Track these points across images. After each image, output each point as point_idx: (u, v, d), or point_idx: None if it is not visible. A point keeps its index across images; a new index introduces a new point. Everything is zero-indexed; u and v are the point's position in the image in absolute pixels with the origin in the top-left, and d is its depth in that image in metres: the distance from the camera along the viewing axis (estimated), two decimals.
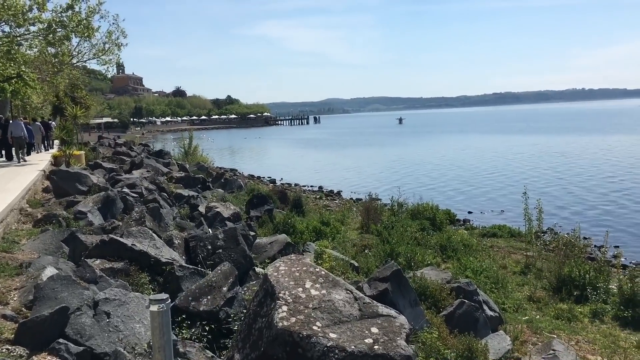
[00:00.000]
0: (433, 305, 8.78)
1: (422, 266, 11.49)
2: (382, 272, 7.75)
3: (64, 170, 14.43)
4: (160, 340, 3.55)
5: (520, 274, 12.91)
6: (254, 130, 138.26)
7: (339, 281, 5.70)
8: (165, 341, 3.55)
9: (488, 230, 17.71)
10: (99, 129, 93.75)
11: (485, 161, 43.03)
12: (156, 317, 3.54)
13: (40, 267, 6.86)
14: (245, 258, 8.81)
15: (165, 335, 3.56)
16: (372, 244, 14.19)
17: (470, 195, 27.09)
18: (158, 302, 3.52)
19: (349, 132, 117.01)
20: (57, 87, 37.82)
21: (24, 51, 23.20)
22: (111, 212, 11.57)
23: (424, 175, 35.84)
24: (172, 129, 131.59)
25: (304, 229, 14.59)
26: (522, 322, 9.53)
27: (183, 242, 8.96)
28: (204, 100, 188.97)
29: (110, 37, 36.92)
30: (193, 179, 18.77)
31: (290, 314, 5.15)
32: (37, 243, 8.67)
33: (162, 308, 3.53)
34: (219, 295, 6.35)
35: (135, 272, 7.01)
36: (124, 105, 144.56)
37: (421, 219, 16.91)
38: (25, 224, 10.69)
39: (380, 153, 56.38)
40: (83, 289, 5.92)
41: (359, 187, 30.39)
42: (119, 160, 24.66)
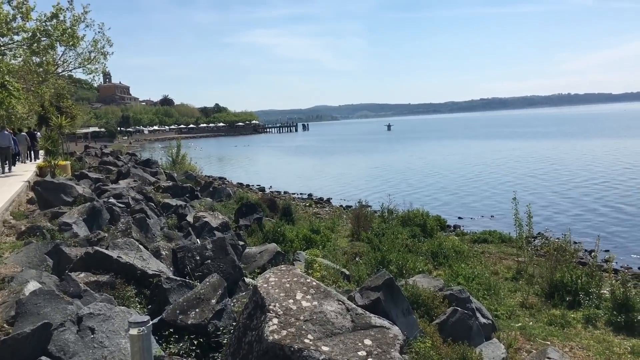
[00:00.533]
0: (426, 314, 8.66)
1: (413, 274, 11.38)
2: (373, 281, 7.61)
3: (48, 180, 14.17)
4: None
5: (512, 280, 12.84)
6: (243, 138, 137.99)
7: (331, 292, 5.56)
8: None
9: (479, 236, 17.66)
10: (86, 138, 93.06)
11: (473, 167, 43.14)
12: (136, 342, 3.33)
13: (23, 282, 6.66)
14: (235, 268, 8.64)
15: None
16: (363, 252, 14.07)
17: (460, 201, 27.09)
18: (138, 324, 3.31)
19: (337, 139, 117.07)
20: (42, 96, 37.44)
21: (8, 61, 22.88)
22: (97, 223, 11.35)
23: (413, 181, 35.83)
24: (160, 137, 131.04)
25: (294, 238, 14.44)
26: (515, 329, 9.45)
27: (171, 253, 8.78)
28: (191, 109, 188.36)
29: (95, 45, 36.67)
30: (181, 188, 18.56)
31: (281, 327, 5.00)
32: (20, 256, 8.45)
33: (143, 331, 3.33)
34: (208, 308, 6.18)
35: (121, 286, 6.83)
36: (111, 114, 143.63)
37: (412, 225, 16.82)
38: (9, 236, 10.45)
39: (369, 160, 56.35)
40: (67, 304, 5.74)
41: (348, 194, 30.29)
42: (106, 170, 24.37)
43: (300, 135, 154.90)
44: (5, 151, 23.22)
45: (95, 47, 36.82)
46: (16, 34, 21.39)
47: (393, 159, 55.69)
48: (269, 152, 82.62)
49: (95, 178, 18.57)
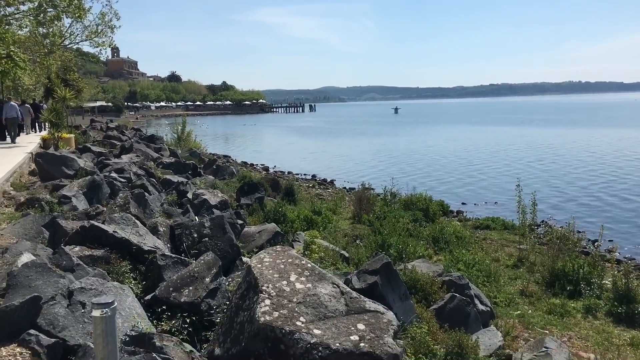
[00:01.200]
0: (423, 299, 8.58)
1: (413, 258, 11.29)
2: (371, 265, 7.53)
3: (50, 153, 14.11)
4: (104, 350, 3.18)
5: (513, 268, 12.74)
6: (249, 117, 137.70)
7: (325, 274, 5.48)
8: (109, 351, 3.18)
9: (481, 222, 17.53)
10: (93, 112, 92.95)
11: (479, 152, 42.87)
12: (99, 324, 3.17)
13: (16, 253, 6.60)
14: (232, 247, 8.57)
15: (109, 345, 3.19)
16: (364, 235, 13.98)
17: (465, 187, 26.91)
18: (102, 306, 3.19)
19: (344, 121, 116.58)
20: (49, 68, 37.31)
21: (14, 31, 22.71)
22: (97, 197, 11.29)
23: (418, 165, 35.64)
24: (167, 114, 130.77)
25: (295, 218, 14.35)
26: (514, 317, 9.38)
27: (168, 230, 8.71)
28: (199, 86, 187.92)
29: (103, 19, 36.46)
30: (183, 165, 18.47)
31: (273, 308, 4.92)
32: (17, 228, 8.39)
33: (106, 313, 3.18)
34: (202, 287, 6.11)
35: (116, 261, 6.76)
36: (119, 89, 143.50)
37: (414, 209, 16.70)
38: (8, 207, 10.40)
39: (375, 142, 56.08)
40: (59, 277, 5.67)
41: (352, 177, 30.16)
42: (110, 144, 24.29)
43: (306, 116, 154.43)
44: (12, 122, 23.63)
45: (103, 20, 36.61)
46: (22, 4, 21.21)
47: (399, 142, 55.40)
48: (274, 131, 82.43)
49: (98, 152, 18.50)
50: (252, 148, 52.85)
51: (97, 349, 3.20)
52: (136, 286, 6.61)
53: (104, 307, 3.17)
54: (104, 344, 3.17)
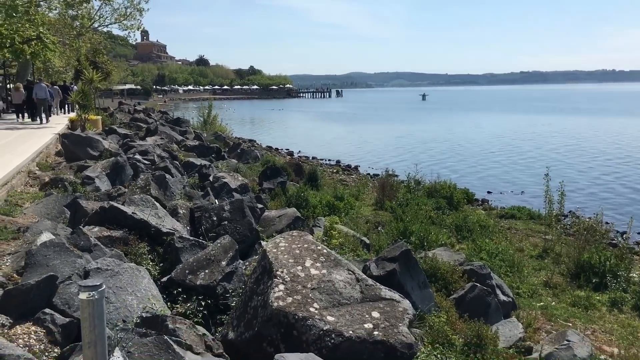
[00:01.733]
0: (444, 288, 8.47)
1: (435, 246, 11.15)
2: (390, 252, 7.42)
3: (75, 134, 14.26)
4: (91, 334, 3.10)
5: (537, 258, 12.51)
6: (276, 101, 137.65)
7: (341, 261, 5.39)
8: (97, 335, 3.10)
9: (507, 212, 17.25)
10: (122, 95, 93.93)
11: (507, 140, 42.21)
12: (86, 307, 3.06)
13: (37, 232, 6.66)
14: (252, 231, 8.54)
15: (97, 328, 3.11)
16: (386, 221, 13.87)
17: (490, 175, 26.53)
18: (89, 288, 3.10)
19: (370, 107, 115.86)
20: (78, 51, 37.73)
21: (44, 13, 22.94)
22: (120, 178, 11.38)
23: (444, 153, 35.23)
24: (194, 97, 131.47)
25: (317, 203, 14.28)
26: (536, 309, 9.21)
27: (188, 212, 8.71)
28: (226, 70, 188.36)
29: (132, 2, 36.71)
30: (207, 148, 18.51)
31: (287, 294, 4.87)
32: (39, 207, 8.49)
33: (93, 296, 3.08)
34: (217, 270, 6.09)
35: (134, 242, 6.78)
36: (147, 72, 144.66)
37: (437, 197, 16.49)
38: (33, 187, 10.54)
39: (401, 129, 55.60)
40: (76, 257, 5.69)
41: (377, 163, 29.94)
42: (136, 126, 24.50)
43: (333, 102, 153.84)
44: (42, 102, 24.01)
45: (132, 3, 36.85)
46: None
47: (425, 129, 54.84)
48: (300, 116, 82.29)
49: (123, 134, 18.65)
50: (278, 133, 52.84)
51: (84, 332, 3.12)
52: (154, 268, 6.62)
53: (92, 289, 3.07)
54: (90, 327, 3.09)
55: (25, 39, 24.06)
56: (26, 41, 24.21)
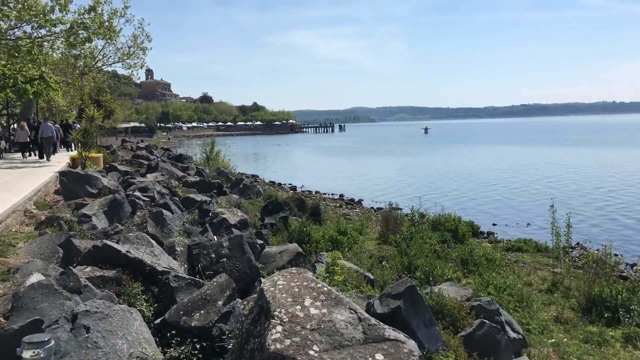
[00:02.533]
0: (451, 325, 8.14)
1: (441, 281, 10.85)
2: (395, 288, 7.13)
3: (74, 171, 14.10)
4: None
5: (546, 292, 12.16)
6: (279, 137, 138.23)
7: (343, 299, 5.12)
8: None
9: (513, 244, 16.94)
10: (127, 133, 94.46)
11: (511, 172, 42.02)
12: None
13: (27, 273, 6.42)
14: (251, 268, 8.29)
15: None
16: (390, 256, 13.57)
17: (495, 207, 26.26)
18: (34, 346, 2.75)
19: (373, 141, 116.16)
20: (82, 90, 38.02)
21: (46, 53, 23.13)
22: (118, 216, 11.15)
23: (448, 185, 35.02)
24: (198, 134, 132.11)
25: (320, 238, 14.01)
26: (547, 346, 8.86)
27: (186, 250, 8.47)
28: (230, 107, 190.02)
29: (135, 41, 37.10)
30: (208, 184, 18.33)
31: (285, 336, 4.59)
32: (33, 247, 8.27)
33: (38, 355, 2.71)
34: (213, 310, 5.82)
35: (128, 282, 6.51)
36: (152, 110, 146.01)
37: (442, 230, 16.21)
38: (28, 226, 10.34)
39: (403, 162, 55.54)
40: (65, 300, 5.44)
41: (381, 197, 29.72)
42: (137, 163, 24.39)
43: (336, 136, 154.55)
44: (47, 141, 24.97)
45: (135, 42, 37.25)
46: (54, 26, 21.53)
47: (428, 162, 54.77)
48: (303, 151, 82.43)
49: (124, 171, 18.51)
50: (281, 168, 52.83)
51: None
52: (147, 309, 6.34)
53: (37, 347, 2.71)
54: None
55: (28, 79, 24.27)
56: (29, 81, 24.42)
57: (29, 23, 20.78)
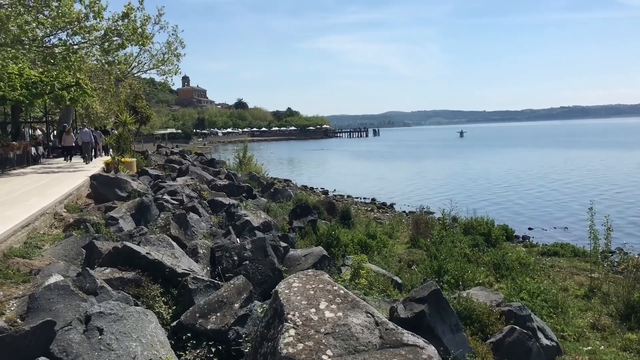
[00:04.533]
0: (480, 331, 7.86)
1: (472, 285, 10.54)
2: (419, 292, 6.91)
3: (104, 175, 14.27)
4: None
5: (583, 298, 11.68)
6: (313, 142, 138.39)
7: (359, 302, 4.94)
8: None
9: (549, 249, 16.40)
10: (163, 139, 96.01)
11: (548, 175, 40.98)
12: None
13: (47, 275, 6.42)
14: (274, 271, 8.18)
15: None
16: (420, 260, 13.29)
17: (531, 211, 25.56)
18: None
19: (407, 145, 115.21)
20: (118, 96, 38.75)
21: (81, 59, 23.57)
22: (145, 218, 11.19)
23: (481, 189, 34.35)
24: (233, 140, 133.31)
25: (349, 242, 13.83)
26: (583, 354, 8.47)
27: (209, 252, 8.41)
28: (264, 112, 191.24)
29: (169, 47, 37.66)
30: (237, 187, 18.35)
31: (298, 340, 4.43)
32: (58, 249, 8.32)
33: None
34: (230, 313, 5.71)
35: (147, 283, 6.46)
36: (188, 116, 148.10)
37: (474, 234, 15.82)
38: (57, 228, 10.44)
39: (437, 166, 54.84)
40: (80, 301, 5.41)
41: (413, 200, 29.30)
42: (170, 168, 24.64)
43: (370, 140, 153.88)
44: (85, 145, 26.82)
45: (169, 49, 37.80)
46: (88, 33, 21.92)
47: (462, 166, 53.90)
48: (337, 155, 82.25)
49: (155, 175, 18.68)
50: (314, 172, 52.75)
51: None
52: (166, 311, 6.28)
53: None
54: None
55: (64, 86, 24.79)
56: (65, 87, 24.94)
57: (64, 30, 21.20)
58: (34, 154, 26.89)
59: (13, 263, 7.17)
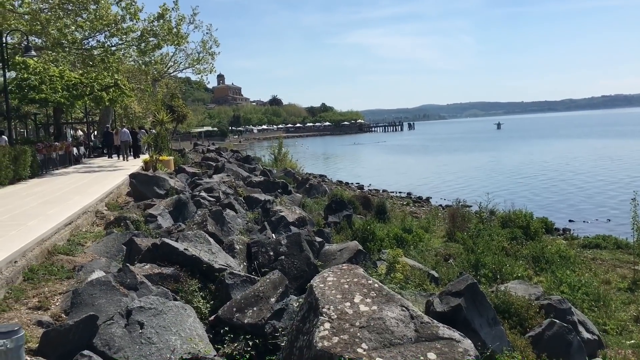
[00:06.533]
0: (518, 325, 7.76)
1: (510, 279, 10.41)
2: (455, 286, 6.86)
3: (143, 173, 14.57)
4: None
5: (626, 291, 11.42)
6: (348, 137, 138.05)
7: (394, 296, 4.94)
8: None
9: (590, 241, 16.05)
10: (200, 137, 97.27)
11: (589, 166, 39.99)
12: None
13: (90, 271, 6.63)
14: (310, 266, 8.23)
15: None
16: (456, 254, 13.18)
17: (572, 203, 25.02)
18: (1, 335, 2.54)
19: (443, 138, 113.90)
20: (155, 96, 39.44)
21: (119, 60, 24.08)
22: (182, 215, 11.40)
23: (519, 181, 33.77)
24: (268, 136, 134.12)
25: (384, 236, 13.80)
26: (626, 347, 8.27)
27: (245, 248, 8.51)
28: (299, 109, 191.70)
29: (204, 46, 38.11)
30: (273, 184, 18.50)
31: (333, 333, 4.47)
32: (100, 246, 8.55)
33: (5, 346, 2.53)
34: (266, 307, 5.78)
35: (185, 279, 6.60)
36: (223, 114, 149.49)
37: (512, 227, 15.57)
38: (99, 226, 10.73)
39: (474, 159, 54.07)
40: (122, 296, 5.57)
41: (449, 194, 28.97)
42: (206, 165, 24.98)
43: (405, 134, 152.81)
44: (125, 144, 28.44)
45: (204, 48, 38.26)
46: (125, 34, 22.39)
47: (500, 158, 53.05)
48: (372, 150, 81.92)
49: (192, 172, 18.98)
50: (349, 167, 52.68)
51: None
52: (204, 305, 6.40)
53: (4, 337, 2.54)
54: None
55: (103, 87, 25.37)
56: (104, 88, 25.52)
57: (101, 32, 21.68)
58: (76, 154, 27.57)
59: (57, 260, 7.41)
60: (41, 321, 5.34)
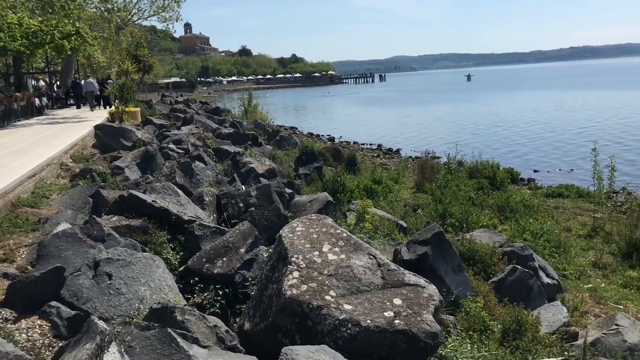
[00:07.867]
0: (482, 271, 8.00)
1: (475, 228, 10.64)
2: (422, 235, 7.01)
3: (108, 125, 14.30)
4: None
5: (586, 238, 11.82)
6: (319, 88, 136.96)
7: (362, 245, 5.03)
8: None
9: (554, 190, 16.47)
10: (167, 88, 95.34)
11: (554, 118, 40.62)
12: None
13: (56, 223, 6.55)
14: (280, 217, 8.28)
15: None
16: (425, 204, 13.38)
17: (537, 154, 25.50)
18: None
19: (414, 90, 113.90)
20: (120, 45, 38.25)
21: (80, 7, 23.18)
22: (151, 167, 11.29)
23: (487, 133, 34.20)
24: (238, 88, 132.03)
25: (355, 188, 13.89)
26: (584, 291, 8.62)
27: (214, 200, 8.50)
28: (269, 59, 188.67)
29: None
30: (242, 136, 18.35)
31: (302, 281, 4.55)
32: (65, 198, 8.44)
33: None
34: (236, 257, 5.83)
35: (154, 230, 6.58)
36: (192, 65, 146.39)
37: (479, 178, 15.84)
38: (64, 178, 10.55)
39: (443, 110, 54.35)
40: (89, 248, 5.53)
41: (419, 146, 29.20)
42: (175, 117, 24.58)
43: (376, 86, 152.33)
44: (90, 94, 28.30)
45: None
46: None
47: (469, 109, 53.43)
48: (343, 102, 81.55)
49: (159, 124, 18.69)
50: (320, 119, 52.48)
51: None
52: (174, 257, 6.43)
53: None
54: None
55: (64, 35, 24.45)
56: (66, 37, 24.60)
57: None
58: (38, 105, 26.78)
59: (22, 212, 7.31)
60: (7, 273, 5.29)
